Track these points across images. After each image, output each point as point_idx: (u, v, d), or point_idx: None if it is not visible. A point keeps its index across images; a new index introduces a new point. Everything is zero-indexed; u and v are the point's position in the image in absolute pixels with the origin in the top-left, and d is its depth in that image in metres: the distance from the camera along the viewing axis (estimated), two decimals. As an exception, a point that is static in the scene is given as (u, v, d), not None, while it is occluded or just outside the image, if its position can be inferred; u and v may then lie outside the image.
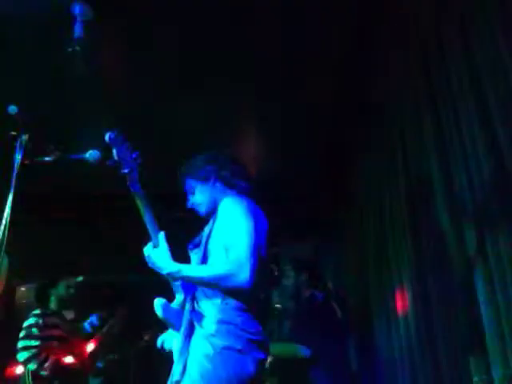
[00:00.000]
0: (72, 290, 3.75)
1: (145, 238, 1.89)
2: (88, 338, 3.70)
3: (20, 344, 3.35)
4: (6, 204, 1.66)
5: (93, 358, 3.69)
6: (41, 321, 3.46)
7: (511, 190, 1.61)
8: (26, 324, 3.44)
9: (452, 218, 2.09)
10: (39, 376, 3.26)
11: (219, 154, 2.11)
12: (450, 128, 2.07)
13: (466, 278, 1.93)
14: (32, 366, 3.26)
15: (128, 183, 1.87)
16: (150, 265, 1.85)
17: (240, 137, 4.23)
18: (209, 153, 2.13)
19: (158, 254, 1.82)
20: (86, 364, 3.57)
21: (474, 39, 1.86)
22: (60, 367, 3.32)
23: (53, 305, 3.67)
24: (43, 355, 3.30)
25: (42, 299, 3.70)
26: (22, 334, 3.39)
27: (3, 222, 1.64)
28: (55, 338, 3.47)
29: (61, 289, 3.70)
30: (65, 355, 3.40)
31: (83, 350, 3.61)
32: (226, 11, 2.89)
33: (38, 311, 3.56)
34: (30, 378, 3.27)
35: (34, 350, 3.30)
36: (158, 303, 1.93)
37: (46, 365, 3.26)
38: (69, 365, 3.39)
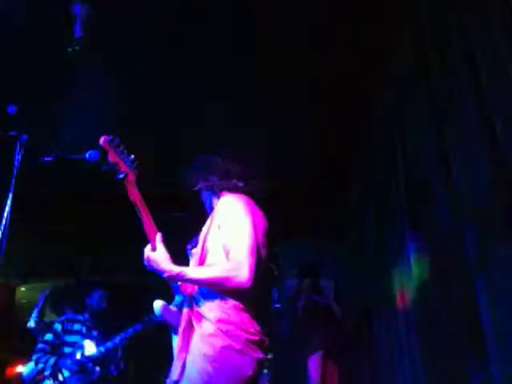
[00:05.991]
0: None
1: (144, 240, 1.88)
2: None
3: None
4: (6, 204, 1.66)
5: None
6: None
7: None
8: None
9: (452, 219, 2.08)
10: None
11: (219, 154, 2.12)
12: (450, 128, 2.07)
13: (467, 279, 1.92)
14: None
15: (124, 187, 1.84)
16: (149, 267, 1.84)
17: (240, 137, 4.22)
18: (208, 152, 2.14)
19: (157, 256, 1.81)
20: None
21: (474, 39, 1.86)
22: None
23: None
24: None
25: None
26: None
27: (3, 221, 1.64)
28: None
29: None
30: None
31: None
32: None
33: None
34: None
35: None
36: (158, 305, 1.92)
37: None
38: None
